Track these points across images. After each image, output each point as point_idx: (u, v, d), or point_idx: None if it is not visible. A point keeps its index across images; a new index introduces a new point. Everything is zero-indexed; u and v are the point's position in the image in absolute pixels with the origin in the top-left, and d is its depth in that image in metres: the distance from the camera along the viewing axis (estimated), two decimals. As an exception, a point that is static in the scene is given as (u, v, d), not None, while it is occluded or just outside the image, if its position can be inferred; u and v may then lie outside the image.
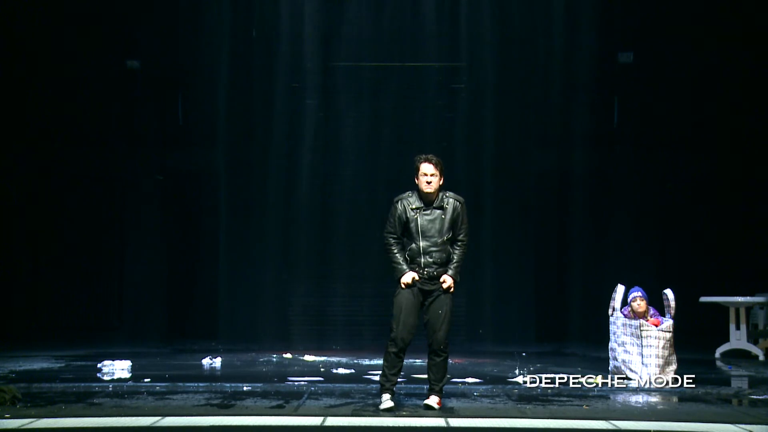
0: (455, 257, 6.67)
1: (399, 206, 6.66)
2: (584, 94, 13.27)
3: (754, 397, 7.71)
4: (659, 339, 8.27)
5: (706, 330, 11.98)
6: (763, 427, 6.10)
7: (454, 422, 6.10)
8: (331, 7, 13.14)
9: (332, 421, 6.10)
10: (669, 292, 8.56)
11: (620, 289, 8.71)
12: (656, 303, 8.65)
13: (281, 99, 13.28)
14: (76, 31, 13.09)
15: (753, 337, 11.39)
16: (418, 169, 6.62)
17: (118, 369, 9.08)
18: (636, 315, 8.52)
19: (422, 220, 6.59)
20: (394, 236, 6.69)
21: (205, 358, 10.20)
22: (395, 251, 6.67)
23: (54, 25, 13.08)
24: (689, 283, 12.22)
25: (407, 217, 6.61)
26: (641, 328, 8.33)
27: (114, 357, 9.52)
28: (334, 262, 13.37)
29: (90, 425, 5.96)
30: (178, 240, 13.74)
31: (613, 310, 8.73)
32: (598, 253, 13.26)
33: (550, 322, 13.34)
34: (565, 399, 7.35)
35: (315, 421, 6.07)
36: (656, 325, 8.36)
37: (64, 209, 13.57)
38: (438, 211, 6.60)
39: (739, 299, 11.18)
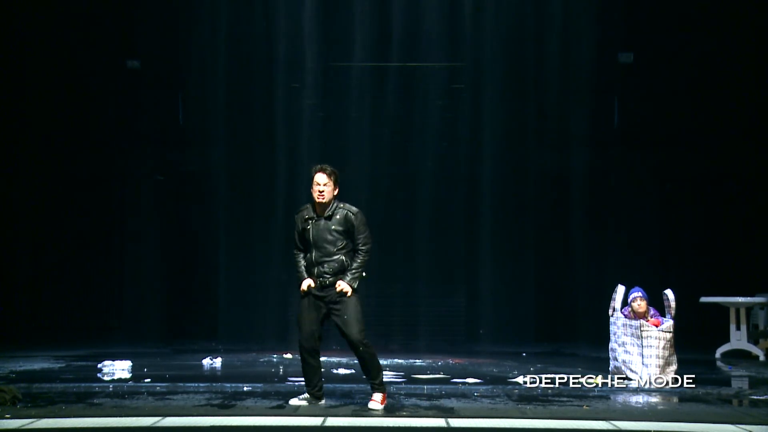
0: (355, 264, 6.72)
1: (297, 218, 6.79)
2: (584, 94, 13.27)
3: (755, 397, 7.70)
4: (659, 339, 8.27)
5: (706, 330, 11.98)
6: (764, 427, 6.09)
7: (455, 422, 6.09)
8: (331, 8, 13.14)
9: (332, 421, 6.10)
10: (669, 293, 8.56)
11: (620, 289, 8.71)
12: (657, 303, 8.65)
13: (281, 99, 13.29)
14: (76, 31, 13.09)
15: (753, 338, 11.39)
16: (311, 179, 6.68)
17: (119, 369, 9.08)
18: (636, 315, 8.51)
19: (314, 230, 6.68)
20: (296, 247, 6.83)
21: (205, 358, 10.20)
22: (298, 260, 6.83)
23: (54, 25, 13.07)
24: (689, 283, 12.23)
25: (303, 228, 6.72)
26: (641, 329, 8.33)
27: (114, 357, 9.52)
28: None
29: (90, 425, 5.96)
30: (178, 240, 13.74)
31: (614, 310, 8.73)
32: (599, 253, 13.27)
33: (550, 323, 13.35)
34: (565, 399, 7.35)
35: (315, 421, 6.07)
36: (656, 326, 8.35)
37: (65, 209, 13.57)
38: (328, 222, 6.65)
39: (740, 299, 11.18)
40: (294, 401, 6.80)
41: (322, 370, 9.36)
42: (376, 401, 6.63)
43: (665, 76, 13.34)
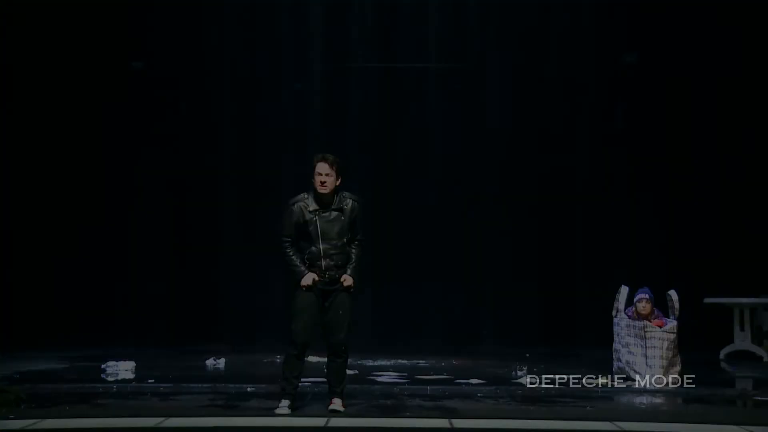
0: (353, 257, 6.63)
1: (296, 209, 6.53)
2: (588, 94, 13.25)
3: (759, 398, 7.70)
4: (663, 340, 8.26)
5: (710, 331, 11.94)
6: (767, 428, 6.09)
7: (458, 423, 6.09)
8: (334, 9, 13.15)
9: (336, 421, 6.10)
10: (673, 293, 8.56)
11: (624, 290, 8.70)
12: (660, 304, 8.64)
13: (283, 100, 13.29)
14: (78, 32, 13.09)
15: (757, 339, 11.37)
16: (313, 169, 6.52)
17: (122, 370, 9.08)
18: (640, 316, 8.51)
19: (321, 222, 6.48)
20: (290, 240, 6.58)
21: (209, 359, 10.20)
22: (291, 254, 6.56)
23: (56, 25, 13.07)
24: (693, 284, 12.18)
25: (305, 220, 6.49)
26: (645, 330, 8.32)
27: (118, 357, 9.52)
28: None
29: (94, 426, 5.98)
30: (181, 240, 13.72)
31: (617, 311, 8.72)
32: (602, 253, 13.23)
33: (553, 323, 13.30)
34: (568, 400, 7.35)
35: (319, 422, 6.07)
36: (660, 326, 8.35)
37: (65, 209, 13.56)
38: (336, 213, 6.52)
39: (744, 300, 11.16)
40: (281, 411, 6.39)
41: (326, 370, 9.46)
42: (339, 405, 6.46)
43: (670, 77, 13.31)
